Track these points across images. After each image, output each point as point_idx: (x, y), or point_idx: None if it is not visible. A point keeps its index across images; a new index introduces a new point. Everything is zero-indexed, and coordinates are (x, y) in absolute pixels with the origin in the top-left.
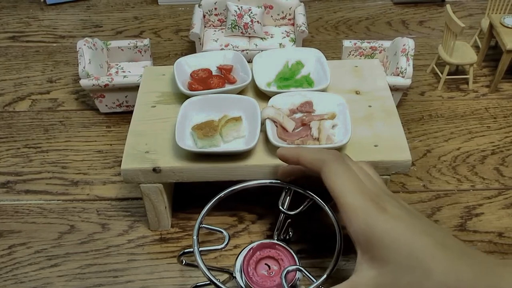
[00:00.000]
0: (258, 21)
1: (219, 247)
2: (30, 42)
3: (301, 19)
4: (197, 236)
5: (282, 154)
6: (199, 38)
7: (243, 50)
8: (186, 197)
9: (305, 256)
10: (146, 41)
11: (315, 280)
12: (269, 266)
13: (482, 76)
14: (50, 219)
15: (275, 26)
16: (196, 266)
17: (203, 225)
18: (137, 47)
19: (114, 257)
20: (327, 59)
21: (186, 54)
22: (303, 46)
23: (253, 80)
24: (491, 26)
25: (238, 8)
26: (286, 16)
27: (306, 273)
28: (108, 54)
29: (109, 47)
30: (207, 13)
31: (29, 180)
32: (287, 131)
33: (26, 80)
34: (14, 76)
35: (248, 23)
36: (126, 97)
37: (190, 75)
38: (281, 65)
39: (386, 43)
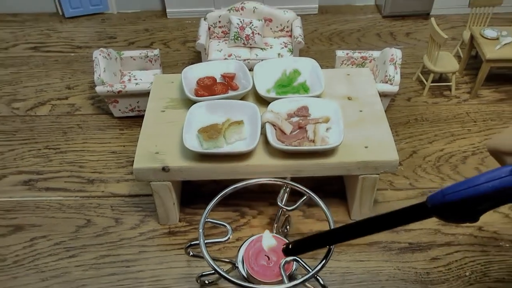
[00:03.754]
0: (258, 33)
1: (223, 239)
2: (50, 52)
3: (298, 31)
4: (203, 229)
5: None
6: (205, 49)
7: (244, 60)
8: (193, 194)
9: None
10: (156, 51)
11: (310, 270)
12: (268, 257)
13: (464, 83)
14: (68, 214)
15: (274, 38)
16: (202, 257)
17: (208, 220)
18: (147, 56)
19: (127, 249)
20: (321, 68)
21: (192, 63)
22: (299, 56)
23: (254, 87)
24: (472, 38)
25: (240, 21)
26: (284, 28)
27: (303, 263)
28: (121, 63)
29: (122, 56)
30: (211, 25)
31: (49, 178)
32: (285, 133)
33: (46, 86)
34: (35, 83)
35: (249, 34)
36: (137, 102)
37: (196, 82)
38: (280, 73)
39: (376, 53)
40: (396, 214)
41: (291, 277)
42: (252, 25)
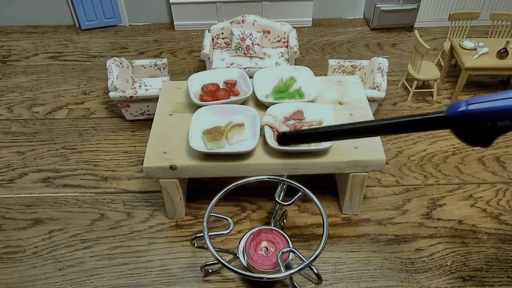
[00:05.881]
0: (258, 44)
1: (225, 232)
2: (68, 61)
3: (293, 42)
4: (207, 223)
5: None
6: (209, 58)
7: (245, 68)
8: (198, 190)
9: (297, 239)
10: (164, 60)
11: (305, 260)
12: (267, 248)
13: (444, 90)
14: (83, 208)
15: (272, 48)
16: (206, 248)
17: (211, 214)
18: (156, 65)
19: (137, 241)
20: (315, 75)
21: (197, 71)
22: (295, 64)
23: (253, 93)
24: (451, 48)
25: (241, 33)
26: (281, 39)
27: (298, 254)
28: (133, 71)
29: (133, 65)
30: (215, 37)
31: (66, 176)
32: None
33: (64, 92)
34: (54, 89)
35: (249, 45)
36: (147, 106)
37: (201, 88)
38: (277, 80)
39: (364, 62)
40: (415, 120)
41: (287, 267)
42: (252, 36)
